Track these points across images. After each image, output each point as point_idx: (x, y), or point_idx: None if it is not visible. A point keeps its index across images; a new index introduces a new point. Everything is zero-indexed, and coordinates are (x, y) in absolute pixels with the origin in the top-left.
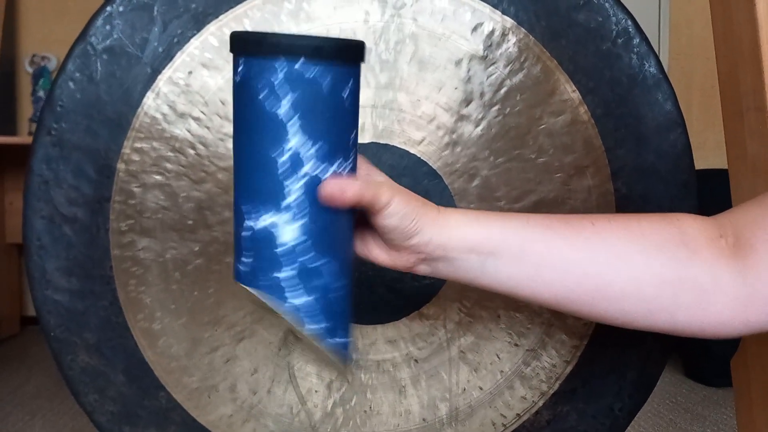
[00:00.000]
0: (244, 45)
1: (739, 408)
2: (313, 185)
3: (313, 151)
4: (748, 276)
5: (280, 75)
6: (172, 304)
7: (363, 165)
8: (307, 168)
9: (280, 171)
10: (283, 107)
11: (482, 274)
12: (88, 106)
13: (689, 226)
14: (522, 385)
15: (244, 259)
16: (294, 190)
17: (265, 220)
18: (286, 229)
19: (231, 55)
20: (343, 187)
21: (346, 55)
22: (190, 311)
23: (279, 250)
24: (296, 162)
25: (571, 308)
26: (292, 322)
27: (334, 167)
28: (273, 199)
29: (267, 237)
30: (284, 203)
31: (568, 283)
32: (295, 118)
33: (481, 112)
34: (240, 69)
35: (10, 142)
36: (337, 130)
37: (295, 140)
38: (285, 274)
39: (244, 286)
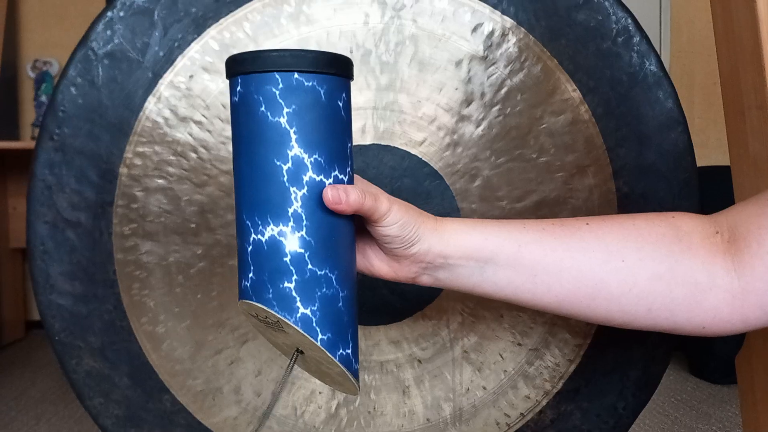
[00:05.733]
0: (242, 64)
1: (743, 405)
2: (316, 192)
3: (314, 157)
4: (743, 272)
5: (281, 85)
6: (175, 307)
7: (358, 180)
8: (309, 174)
9: (284, 178)
10: (285, 116)
11: (482, 281)
12: (90, 110)
13: (684, 223)
14: (526, 385)
15: (251, 275)
16: (298, 197)
17: (271, 231)
18: (292, 237)
19: (227, 62)
20: (346, 192)
21: (339, 66)
22: (193, 314)
23: (286, 259)
24: (299, 168)
25: (571, 311)
26: (304, 333)
27: (335, 174)
28: (278, 208)
29: (274, 247)
30: (290, 211)
31: (566, 284)
32: (297, 125)
33: (482, 112)
34: (238, 88)
35: (12, 147)
36: (336, 138)
37: (297, 147)
38: (294, 283)
39: (253, 303)
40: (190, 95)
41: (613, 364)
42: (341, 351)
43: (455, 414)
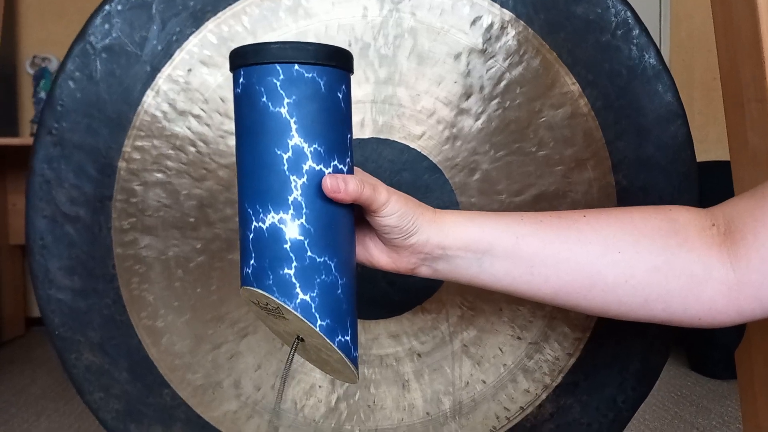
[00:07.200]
0: (244, 56)
1: (743, 400)
2: (315, 181)
3: (314, 147)
4: (739, 263)
5: (282, 76)
6: (175, 302)
7: (357, 172)
8: (309, 164)
9: (284, 167)
10: (286, 106)
11: (480, 272)
12: (89, 105)
13: (680, 216)
14: (525, 378)
15: (252, 262)
16: (298, 185)
17: (272, 218)
18: (292, 225)
19: (230, 54)
20: (345, 181)
21: (339, 59)
22: (193, 308)
23: (286, 246)
24: (299, 157)
25: (568, 302)
26: (303, 318)
27: (335, 163)
28: (279, 196)
29: (274, 235)
30: (290, 199)
31: (563, 275)
32: (297, 115)
33: (481, 105)
34: (241, 80)
35: (12, 143)
36: (336, 129)
37: (297, 136)
38: (293, 270)
39: (254, 289)
40: (188, 89)
41: (612, 358)
42: (340, 337)
43: (455, 408)
